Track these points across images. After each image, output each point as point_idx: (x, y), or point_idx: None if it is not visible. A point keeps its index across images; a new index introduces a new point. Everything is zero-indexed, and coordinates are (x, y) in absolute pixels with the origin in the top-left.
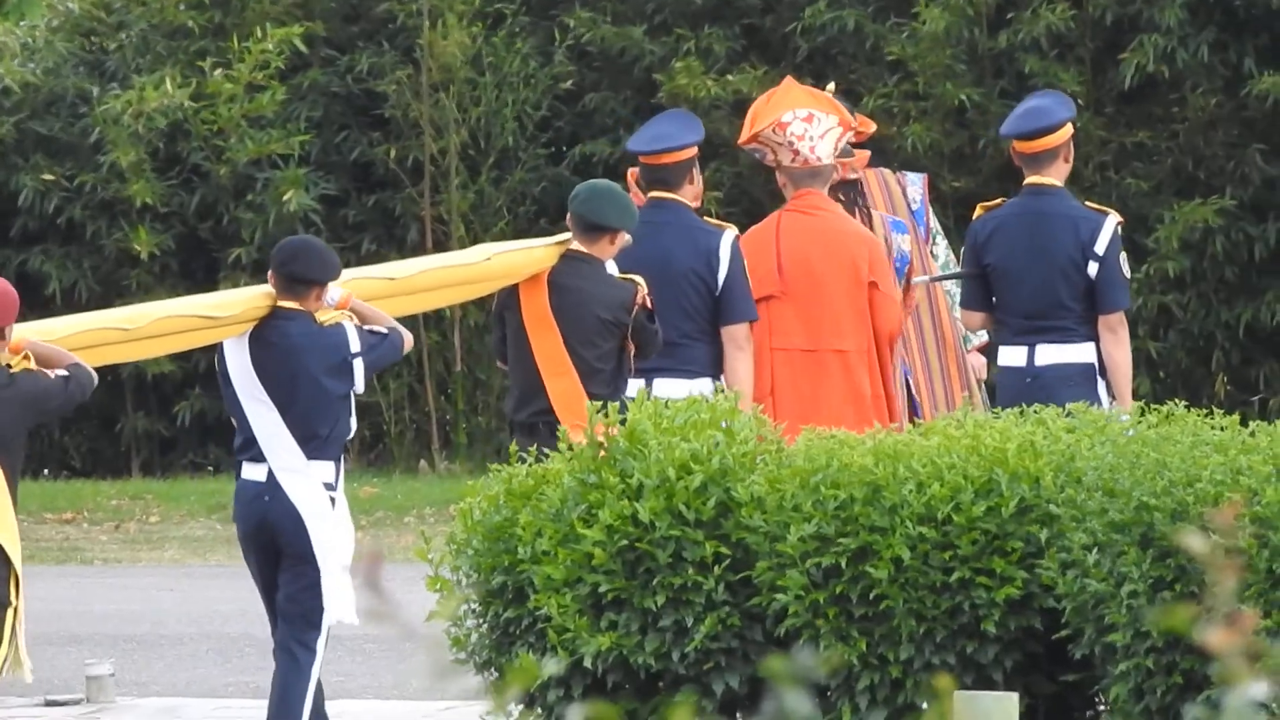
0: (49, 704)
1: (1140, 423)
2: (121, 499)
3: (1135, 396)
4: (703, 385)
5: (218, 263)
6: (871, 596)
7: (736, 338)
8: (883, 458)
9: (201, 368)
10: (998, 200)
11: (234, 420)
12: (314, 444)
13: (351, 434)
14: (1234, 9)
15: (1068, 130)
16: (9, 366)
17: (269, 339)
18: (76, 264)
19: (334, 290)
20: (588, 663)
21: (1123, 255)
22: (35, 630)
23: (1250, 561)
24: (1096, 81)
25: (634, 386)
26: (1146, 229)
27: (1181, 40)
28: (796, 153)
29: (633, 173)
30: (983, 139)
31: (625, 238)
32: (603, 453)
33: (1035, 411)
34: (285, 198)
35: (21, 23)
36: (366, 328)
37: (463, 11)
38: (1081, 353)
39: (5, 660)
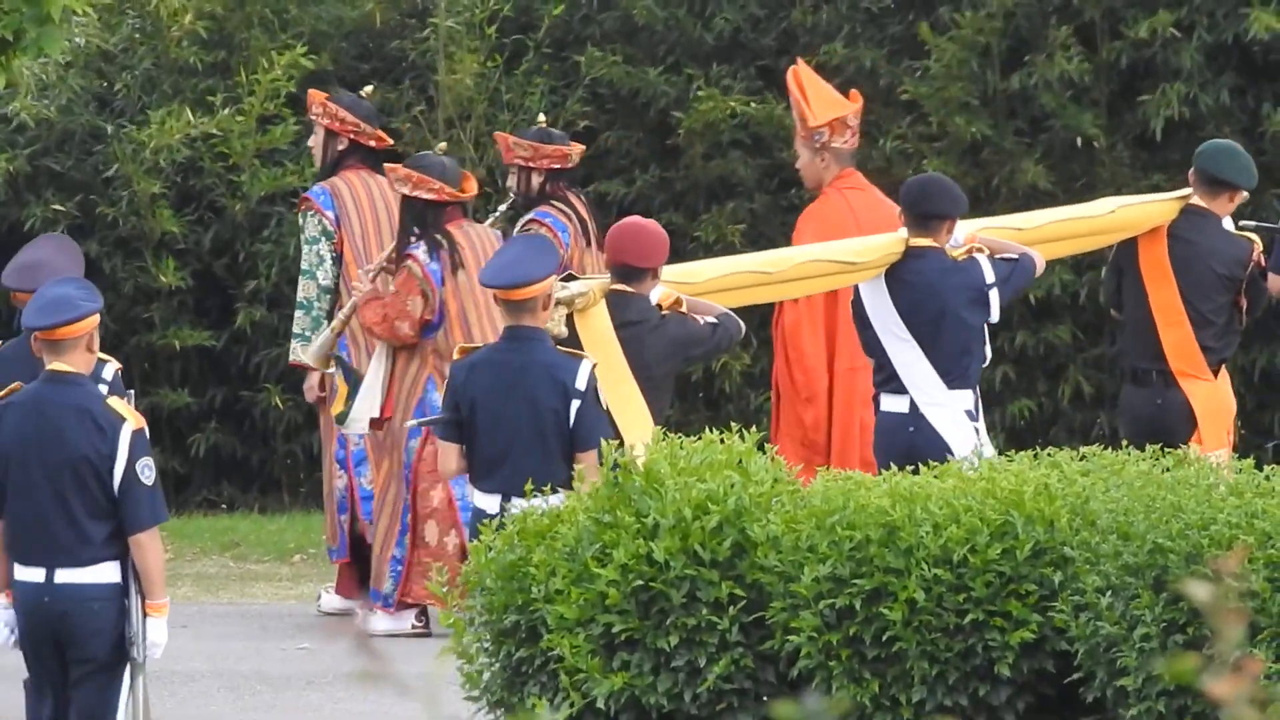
0: None
1: (1155, 466)
2: None
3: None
4: None
5: (233, 298)
6: (885, 638)
7: None
8: (899, 499)
9: (218, 402)
10: None
11: (873, 358)
12: (954, 375)
13: (986, 362)
14: (1251, 55)
15: None
16: (660, 308)
17: (906, 278)
18: None
19: (960, 229)
20: (600, 704)
21: None
22: None
23: (1263, 605)
24: (1112, 124)
25: None
26: None
27: (1202, 85)
28: (853, 134)
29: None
30: (996, 178)
31: (1244, 196)
32: (618, 492)
33: (1050, 454)
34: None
35: (40, 59)
36: (998, 256)
37: (476, 47)
38: None
39: None
